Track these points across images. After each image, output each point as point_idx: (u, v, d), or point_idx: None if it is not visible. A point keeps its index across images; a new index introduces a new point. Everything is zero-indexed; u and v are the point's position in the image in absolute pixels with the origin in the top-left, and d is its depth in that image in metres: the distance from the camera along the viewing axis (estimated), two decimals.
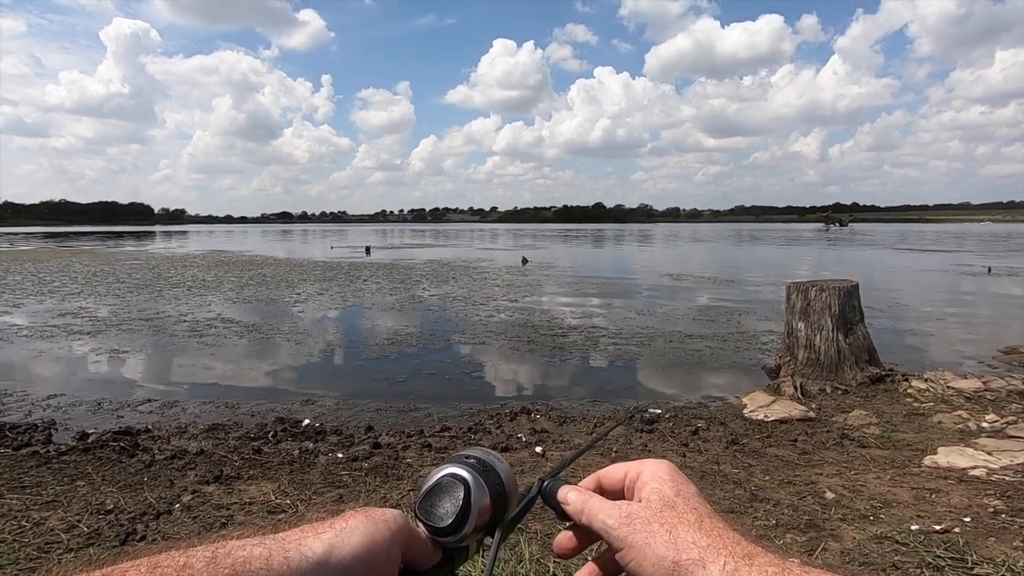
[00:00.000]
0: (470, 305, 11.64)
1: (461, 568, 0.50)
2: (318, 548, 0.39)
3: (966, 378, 5.27)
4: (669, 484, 0.46)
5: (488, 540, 0.50)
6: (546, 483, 0.52)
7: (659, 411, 4.85)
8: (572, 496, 0.49)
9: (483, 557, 0.50)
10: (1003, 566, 2.27)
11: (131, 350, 7.75)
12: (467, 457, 0.50)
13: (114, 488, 3.31)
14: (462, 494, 0.46)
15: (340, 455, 3.89)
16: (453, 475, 0.48)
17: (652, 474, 0.47)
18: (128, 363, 7.13)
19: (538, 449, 3.92)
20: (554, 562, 2.29)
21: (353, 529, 0.41)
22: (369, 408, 5.26)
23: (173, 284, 15.58)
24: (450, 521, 0.46)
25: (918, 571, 2.29)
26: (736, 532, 0.42)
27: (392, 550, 0.42)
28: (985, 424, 4.21)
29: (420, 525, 0.47)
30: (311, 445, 4.12)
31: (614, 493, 0.50)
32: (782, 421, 4.47)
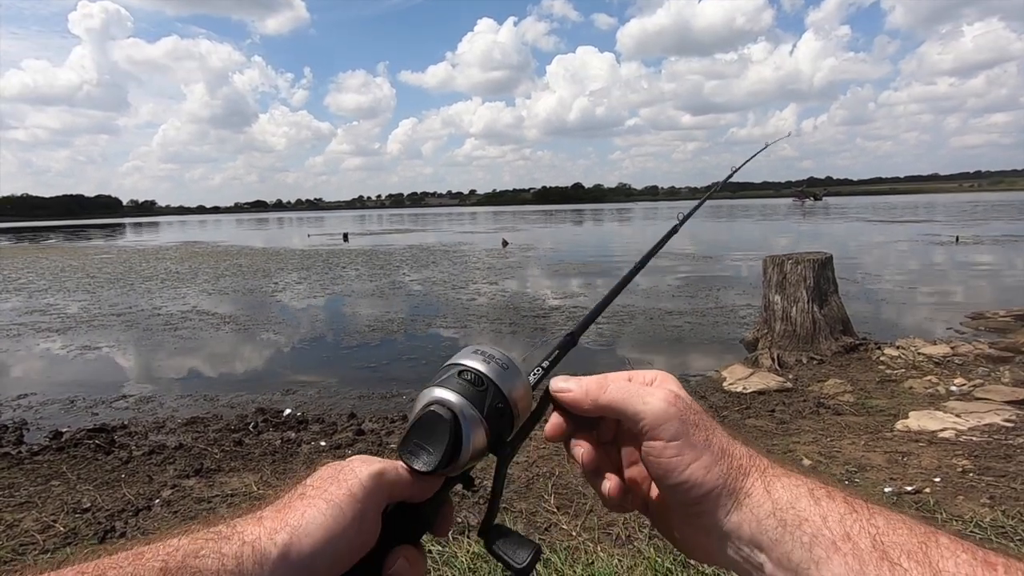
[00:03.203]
0: (451, 289, 11.58)
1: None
2: (273, 553, 0.36)
3: (935, 344, 5.42)
4: (691, 412, 0.42)
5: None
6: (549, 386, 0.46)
7: None
8: (571, 383, 0.45)
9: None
10: (971, 522, 2.35)
11: (104, 346, 7.57)
12: (461, 372, 0.43)
13: (91, 486, 3.24)
14: (450, 428, 0.40)
15: (323, 443, 3.86)
16: (440, 402, 0.42)
17: (666, 379, 0.45)
18: (101, 359, 6.96)
19: None
20: (539, 537, 2.31)
21: (310, 522, 0.38)
22: (351, 395, 5.22)
23: (145, 277, 15.20)
24: (436, 463, 0.40)
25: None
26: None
27: (364, 521, 0.40)
28: (953, 388, 4.35)
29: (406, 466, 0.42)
30: (293, 435, 4.08)
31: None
32: (760, 392, 4.55)
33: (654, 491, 0.45)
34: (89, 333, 8.34)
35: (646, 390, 0.43)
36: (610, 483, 0.45)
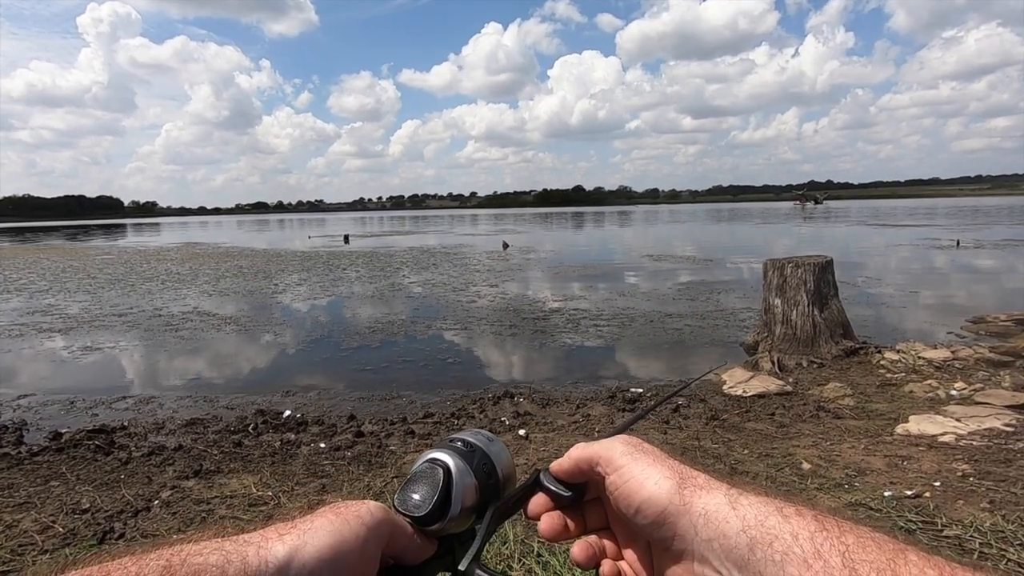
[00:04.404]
0: (451, 291, 11.59)
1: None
2: (280, 552, 0.37)
3: (936, 348, 5.42)
4: (644, 445, 0.46)
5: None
6: (543, 471, 0.49)
7: (640, 390, 4.90)
8: (560, 462, 0.48)
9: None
10: (971, 527, 2.35)
11: (104, 347, 7.57)
12: (452, 440, 0.48)
13: (90, 487, 3.24)
14: (441, 478, 0.44)
15: (323, 445, 3.86)
16: (433, 460, 0.46)
17: (623, 441, 0.47)
18: (101, 360, 6.96)
19: (521, 432, 3.94)
20: (538, 542, 2.31)
21: (319, 529, 0.39)
22: (351, 397, 5.22)
23: (146, 278, 15.22)
24: (428, 510, 0.43)
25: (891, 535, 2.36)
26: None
27: (367, 547, 0.40)
28: (954, 392, 4.34)
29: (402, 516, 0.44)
30: (293, 436, 4.08)
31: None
32: (760, 396, 4.55)
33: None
34: (90, 334, 8.34)
35: (608, 440, 0.47)
36: (606, 567, 0.46)
